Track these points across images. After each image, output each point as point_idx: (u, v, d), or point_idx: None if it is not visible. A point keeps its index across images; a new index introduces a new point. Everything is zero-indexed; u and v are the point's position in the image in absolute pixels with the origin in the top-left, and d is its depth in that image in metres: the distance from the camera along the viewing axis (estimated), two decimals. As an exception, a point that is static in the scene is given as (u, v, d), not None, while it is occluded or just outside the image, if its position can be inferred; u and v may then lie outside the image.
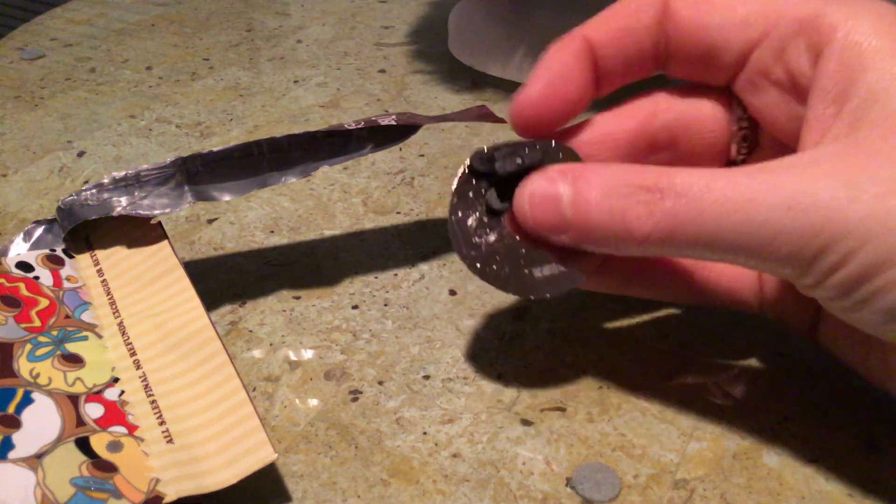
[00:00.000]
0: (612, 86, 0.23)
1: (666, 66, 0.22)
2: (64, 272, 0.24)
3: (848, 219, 0.16)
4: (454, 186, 0.21)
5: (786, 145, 0.21)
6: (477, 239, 0.21)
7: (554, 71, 0.22)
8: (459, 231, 0.21)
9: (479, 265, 0.21)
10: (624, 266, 0.23)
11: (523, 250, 0.21)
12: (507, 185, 0.21)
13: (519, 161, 0.21)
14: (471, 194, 0.21)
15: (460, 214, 0.21)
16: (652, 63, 0.22)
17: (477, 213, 0.21)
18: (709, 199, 0.18)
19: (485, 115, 0.27)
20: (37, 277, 0.24)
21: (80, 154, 0.35)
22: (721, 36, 0.21)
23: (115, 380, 0.21)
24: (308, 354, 0.24)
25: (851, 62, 0.18)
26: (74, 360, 0.21)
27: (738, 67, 0.21)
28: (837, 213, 0.16)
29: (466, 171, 0.21)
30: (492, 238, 0.21)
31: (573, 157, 0.22)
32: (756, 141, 0.22)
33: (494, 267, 0.21)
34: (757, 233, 0.17)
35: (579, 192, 0.20)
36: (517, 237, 0.21)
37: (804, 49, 0.19)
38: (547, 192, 0.20)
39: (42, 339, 0.22)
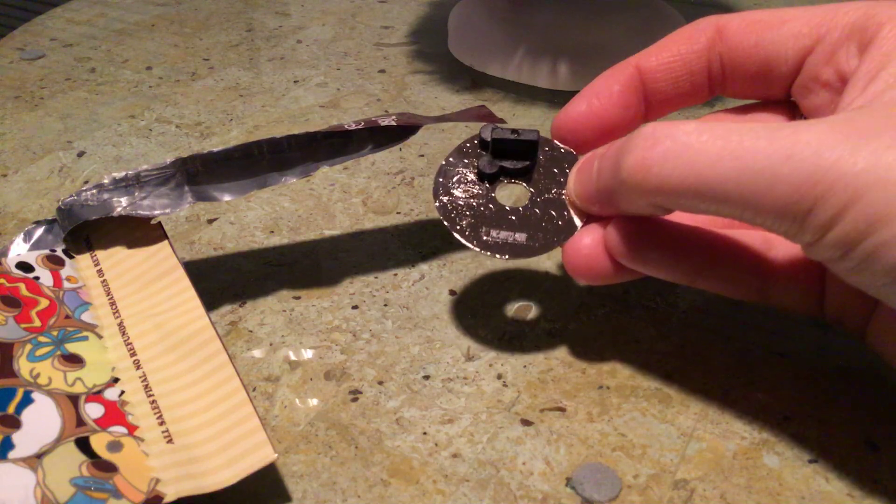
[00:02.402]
0: (665, 110, 0.24)
1: (724, 87, 0.23)
2: (64, 272, 0.24)
3: (845, 171, 0.16)
4: (459, 143, 0.24)
5: None
6: (455, 190, 0.23)
7: (597, 93, 0.23)
8: (444, 176, 0.24)
9: (447, 210, 0.23)
10: (696, 260, 0.22)
11: (490, 214, 0.23)
12: (501, 155, 0.23)
13: (514, 136, 0.23)
14: (469, 155, 0.24)
15: (452, 163, 0.24)
16: (707, 88, 0.23)
17: (466, 171, 0.24)
18: (705, 144, 0.18)
19: (484, 116, 0.27)
20: (37, 278, 0.24)
21: (80, 154, 0.35)
22: (775, 49, 0.21)
23: (115, 380, 0.21)
24: (308, 354, 0.24)
25: (889, 52, 0.18)
26: (74, 361, 0.21)
27: (794, 77, 0.22)
28: (835, 165, 0.16)
29: (478, 138, 0.24)
30: (468, 194, 0.23)
31: (572, 158, 0.23)
32: None
33: (458, 217, 0.23)
34: (753, 181, 0.17)
35: (602, 156, 0.21)
36: (491, 203, 0.23)
37: (855, 49, 0.20)
38: (584, 162, 0.22)
39: (42, 339, 0.22)
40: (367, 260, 0.28)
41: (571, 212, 0.23)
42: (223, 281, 0.27)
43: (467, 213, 0.23)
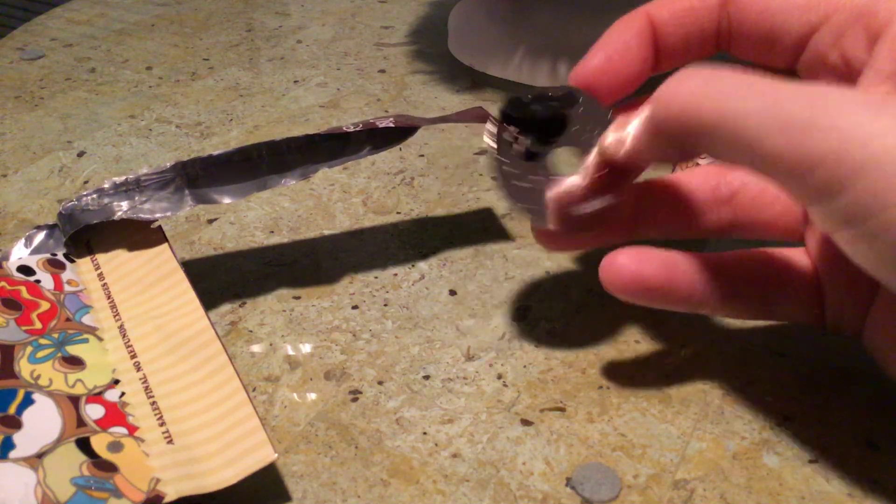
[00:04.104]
0: (673, 63, 0.23)
1: (729, 46, 0.23)
2: (65, 276, 0.24)
3: (863, 135, 0.15)
4: (494, 133, 0.24)
5: None
6: (515, 181, 0.23)
7: (613, 45, 0.23)
8: (501, 173, 0.23)
9: (515, 201, 0.23)
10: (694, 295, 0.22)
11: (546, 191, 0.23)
12: (541, 130, 0.23)
13: (555, 104, 0.23)
14: (506, 139, 0.23)
15: (503, 158, 0.23)
16: (713, 43, 0.23)
17: (512, 157, 0.23)
18: (733, 79, 0.18)
19: (482, 117, 0.27)
20: (38, 281, 0.24)
21: (80, 154, 0.35)
22: (782, 19, 0.21)
23: (116, 381, 0.21)
24: (308, 354, 0.24)
25: None
26: (75, 362, 0.21)
27: (798, 51, 0.21)
28: (856, 128, 0.16)
29: (500, 116, 0.23)
30: (527, 179, 0.23)
31: (598, 109, 0.23)
32: None
33: (527, 203, 0.23)
34: (774, 120, 0.17)
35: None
36: (550, 178, 0.23)
37: (862, 35, 0.20)
38: (618, 132, 0.21)
39: (43, 341, 0.22)
40: (367, 260, 0.28)
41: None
42: (223, 281, 0.27)
43: (533, 197, 0.23)
